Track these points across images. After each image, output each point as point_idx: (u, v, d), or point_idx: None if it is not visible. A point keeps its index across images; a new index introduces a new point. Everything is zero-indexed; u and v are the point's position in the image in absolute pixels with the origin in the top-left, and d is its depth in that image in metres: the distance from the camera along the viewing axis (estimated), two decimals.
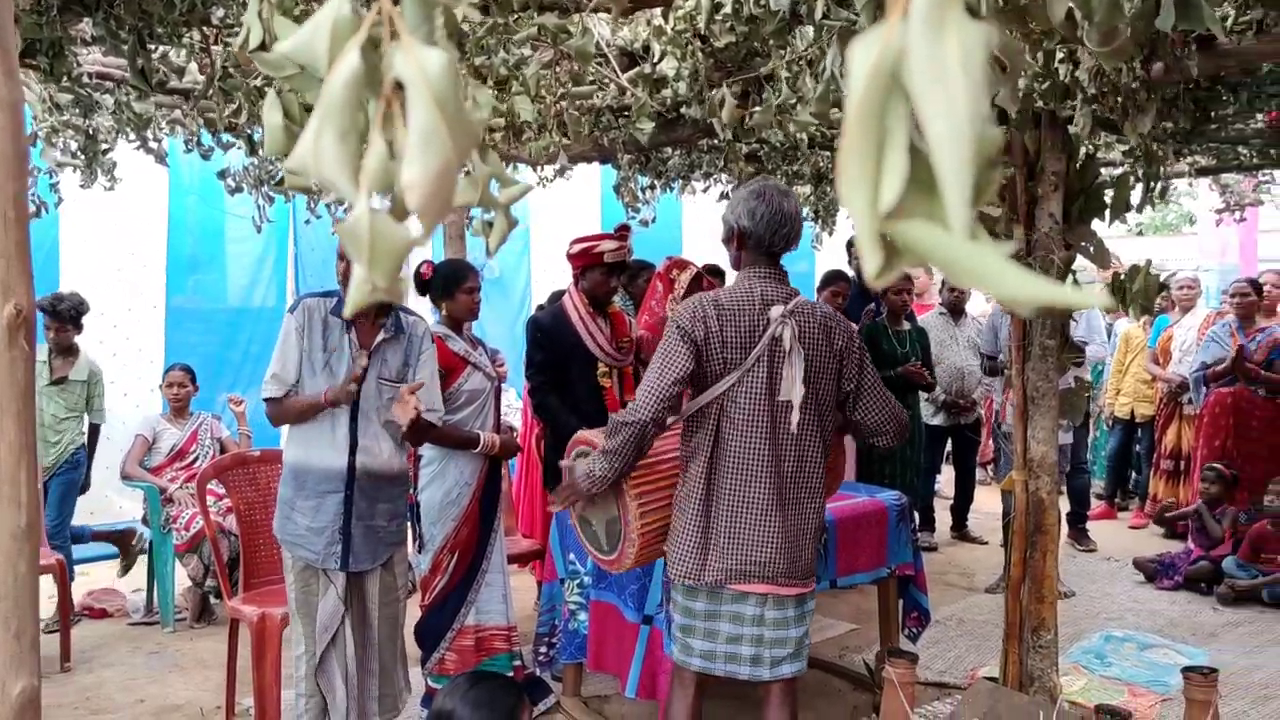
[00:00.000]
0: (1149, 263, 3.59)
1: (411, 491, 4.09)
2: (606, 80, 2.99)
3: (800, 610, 3.09)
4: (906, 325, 6.24)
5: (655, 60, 2.80)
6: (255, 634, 3.84)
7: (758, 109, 2.58)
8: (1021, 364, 3.49)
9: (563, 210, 7.51)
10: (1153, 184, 4.70)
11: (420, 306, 4.32)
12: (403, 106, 0.62)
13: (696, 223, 8.20)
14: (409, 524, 4.25)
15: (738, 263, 3.05)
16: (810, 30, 2.52)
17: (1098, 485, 8.23)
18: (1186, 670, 3.41)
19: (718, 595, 3.02)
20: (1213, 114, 4.24)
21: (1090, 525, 7.34)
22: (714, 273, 5.96)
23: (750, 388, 2.94)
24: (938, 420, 6.92)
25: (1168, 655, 4.80)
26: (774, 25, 2.35)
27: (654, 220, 6.44)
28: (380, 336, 3.45)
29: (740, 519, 2.95)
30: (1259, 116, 4.38)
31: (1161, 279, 7.56)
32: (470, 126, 0.62)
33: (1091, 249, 3.50)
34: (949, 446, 7.43)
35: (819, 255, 7.93)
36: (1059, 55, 2.65)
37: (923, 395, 6.50)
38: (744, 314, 2.95)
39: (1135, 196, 5.63)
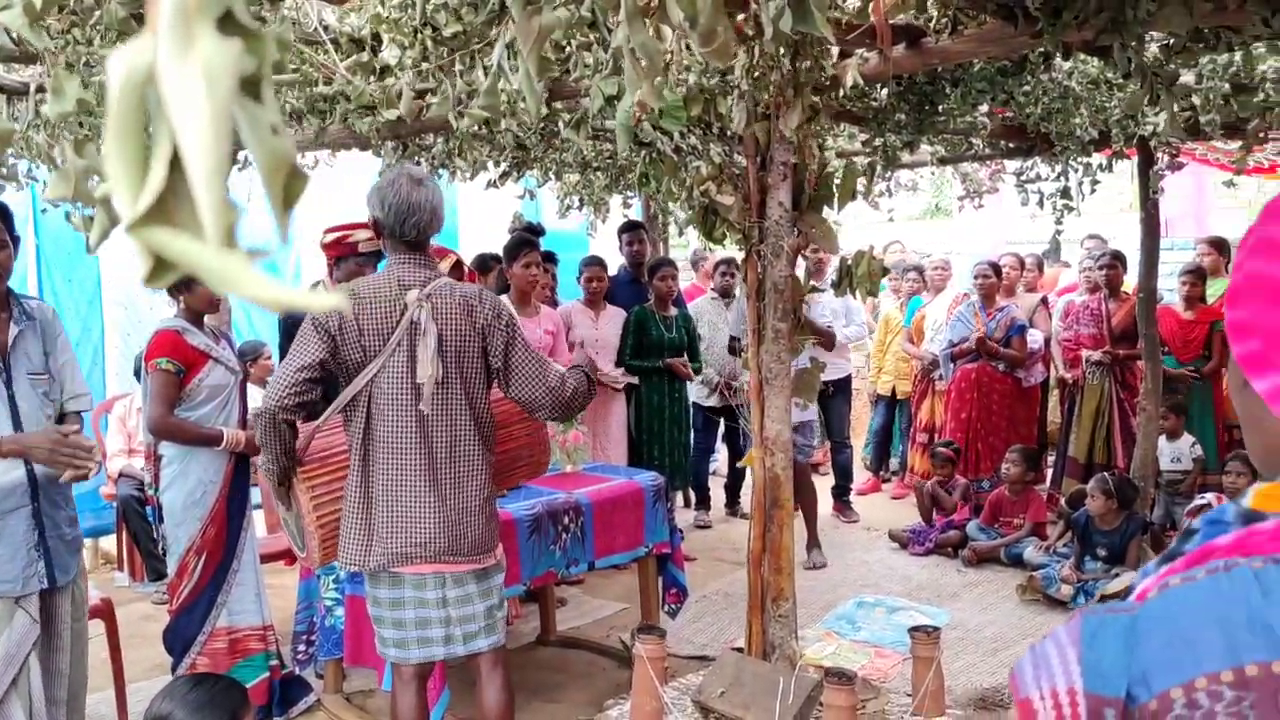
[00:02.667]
0: (871, 248, 3.81)
1: (152, 493, 3.94)
2: (326, 69, 2.94)
3: (484, 584, 3.13)
4: (674, 311, 6.39)
5: (374, 48, 2.78)
6: None
7: (434, 100, 2.61)
8: (757, 346, 3.64)
9: (333, 199, 7.33)
10: (887, 172, 4.99)
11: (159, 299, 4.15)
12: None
13: (470, 210, 8.15)
14: (153, 525, 4.10)
15: (383, 252, 3.15)
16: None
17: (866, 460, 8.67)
18: (913, 630, 3.65)
19: (398, 581, 3.05)
20: (940, 108, 4.51)
21: (858, 498, 7.72)
22: (495, 259, 5.96)
23: (393, 373, 2.97)
24: (711, 401, 7.10)
25: (913, 617, 5.10)
26: (484, 15, 2.36)
27: None
28: (14, 331, 3.13)
29: (397, 501, 2.99)
30: (981, 109, 4.68)
31: (915, 263, 7.94)
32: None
33: (820, 234, 3.68)
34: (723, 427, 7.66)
35: (593, 243, 8.00)
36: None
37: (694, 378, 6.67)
38: (380, 301, 2.98)
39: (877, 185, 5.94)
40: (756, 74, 2.72)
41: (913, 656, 3.60)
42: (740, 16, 2.36)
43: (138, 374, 4.59)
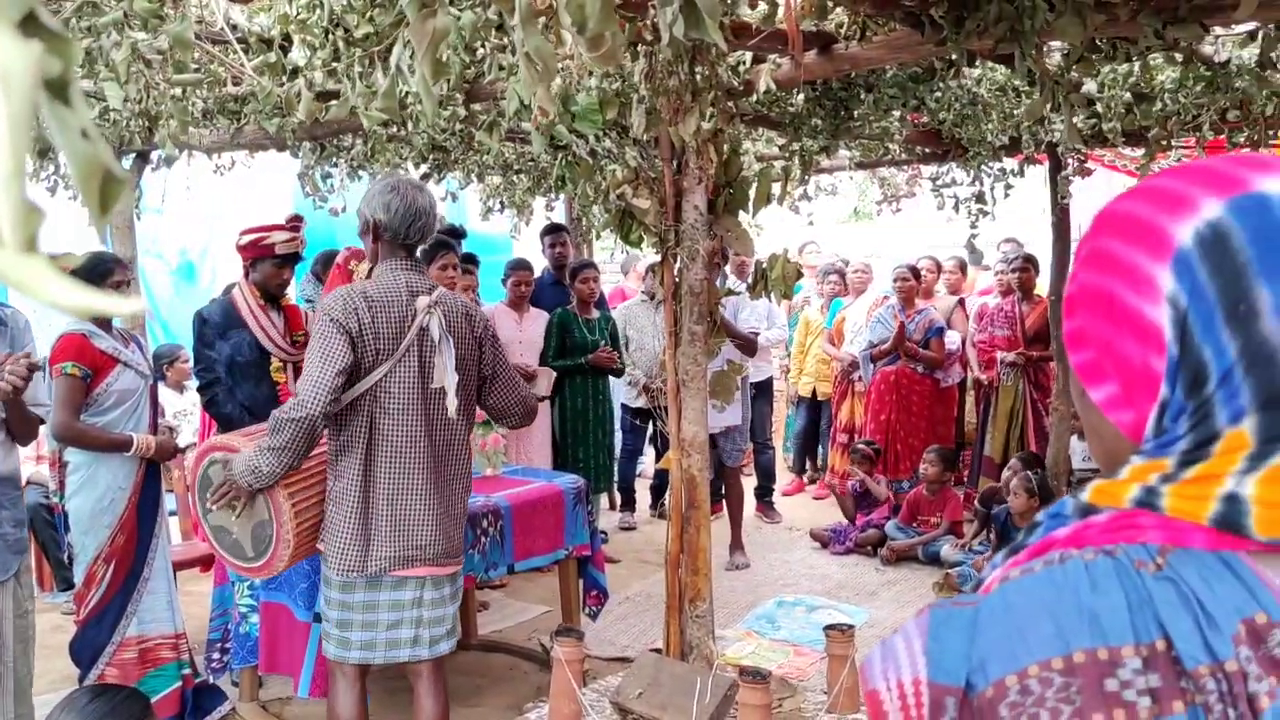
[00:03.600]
0: (786, 251, 3.84)
1: (59, 501, 3.84)
2: (233, 69, 2.90)
3: (453, 588, 3.23)
4: (596, 313, 6.39)
5: (284, 48, 2.75)
6: None
7: (334, 103, 2.59)
8: (674, 349, 3.66)
9: (254, 200, 7.24)
10: (802, 176, 5.04)
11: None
12: None
13: None
14: (60, 534, 4.00)
15: (374, 255, 3.09)
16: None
17: (789, 460, 8.76)
18: (828, 628, 3.70)
19: (377, 584, 3.06)
20: (855, 113, 4.58)
21: (782, 499, 7.79)
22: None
23: (403, 377, 3.01)
24: (640, 403, 7.10)
25: (832, 615, 5.17)
26: (393, 17, 2.35)
27: (345, 209, 6.29)
28: None
29: (401, 505, 3.02)
30: (895, 115, 4.75)
31: (837, 266, 7.99)
32: None
33: (736, 237, 3.72)
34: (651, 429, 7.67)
35: (516, 244, 7.98)
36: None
37: (622, 380, 6.67)
38: (393, 305, 3.02)
39: (795, 189, 6.01)
40: (656, 80, 2.74)
41: (828, 654, 3.65)
42: (639, 22, 2.37)
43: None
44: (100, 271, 3.75)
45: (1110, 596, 0.67)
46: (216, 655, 4.18)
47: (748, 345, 6.09)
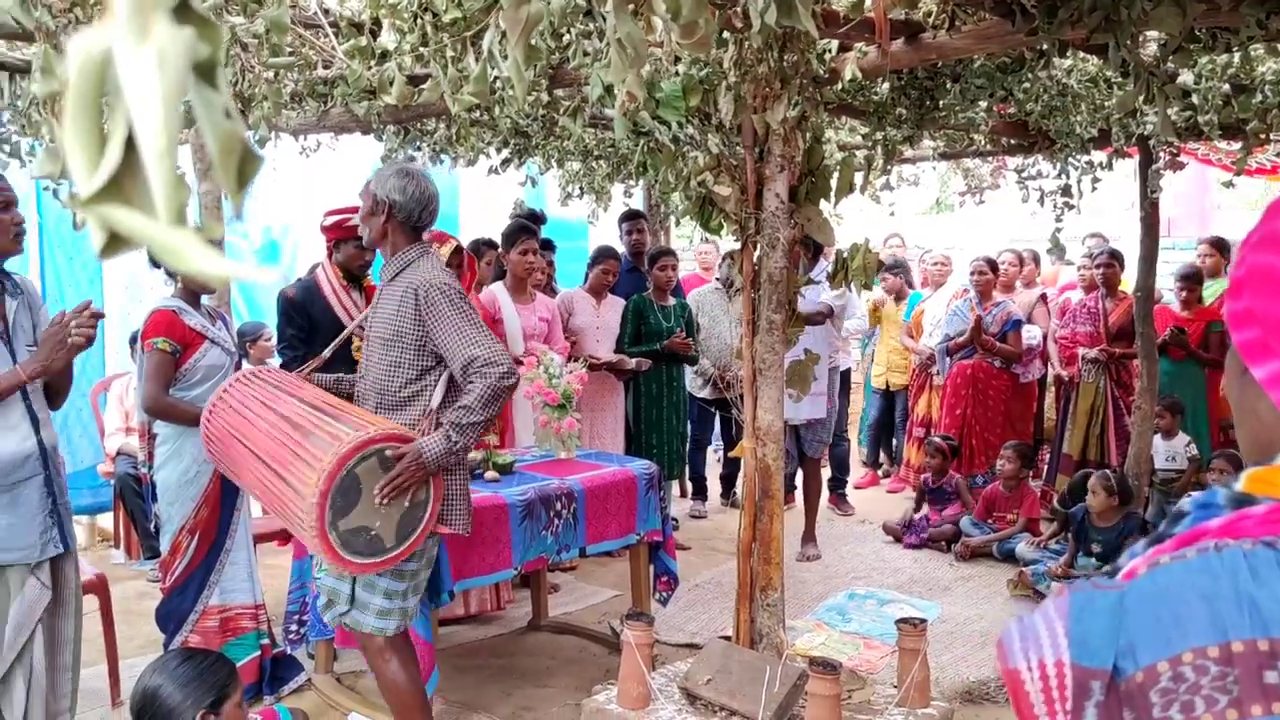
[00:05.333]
0: (867, 241, 3.81)
1: (147, 471, 3.96)
2: (324, 52, 2.96)
3: None
4: (672, 300, 6.40)
5: (374, 32, 2.80)
6: None
7: (425, 87, 2.63)
8: (751, 337, 3.66)
9: (334, 182, 7.35)
10: (886, 166, 5.00)
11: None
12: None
13: (472, 197, 8.16)
14: (148, 504, 4.12)
15: (382, 235, 3.20)
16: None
17: (862, 453, 8.71)
18: (900, 621, 3.68)
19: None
20: (940, 103, 4.52)
21: (855, 491, 7.75)
22: (489, 245, 5.97)
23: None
24: (705, 393, 7.10)
25: (903, 609, 5.13)
26: (482, 2, 2.38)
27: None
28: (12, 305, 3.18)
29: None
30: (981, 105, 4.69)
31: (900, 260, 7.92)
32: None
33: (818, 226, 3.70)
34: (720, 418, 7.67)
35: (593, 230, 8.02)
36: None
37: (690, 369, 6.68)
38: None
39: (879, 180, 5.95)
40: (745, 67, 2.73)
41: (899, 648, 3.64)
42: (730, 9, 2.37)
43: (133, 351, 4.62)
44: None
45: (1272, 587, 0.67)
46: (294, 627, 4.28)
47: (821, 317, 6.00)
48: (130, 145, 0.44)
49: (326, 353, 3.62)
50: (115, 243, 0.45)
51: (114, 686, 4.09)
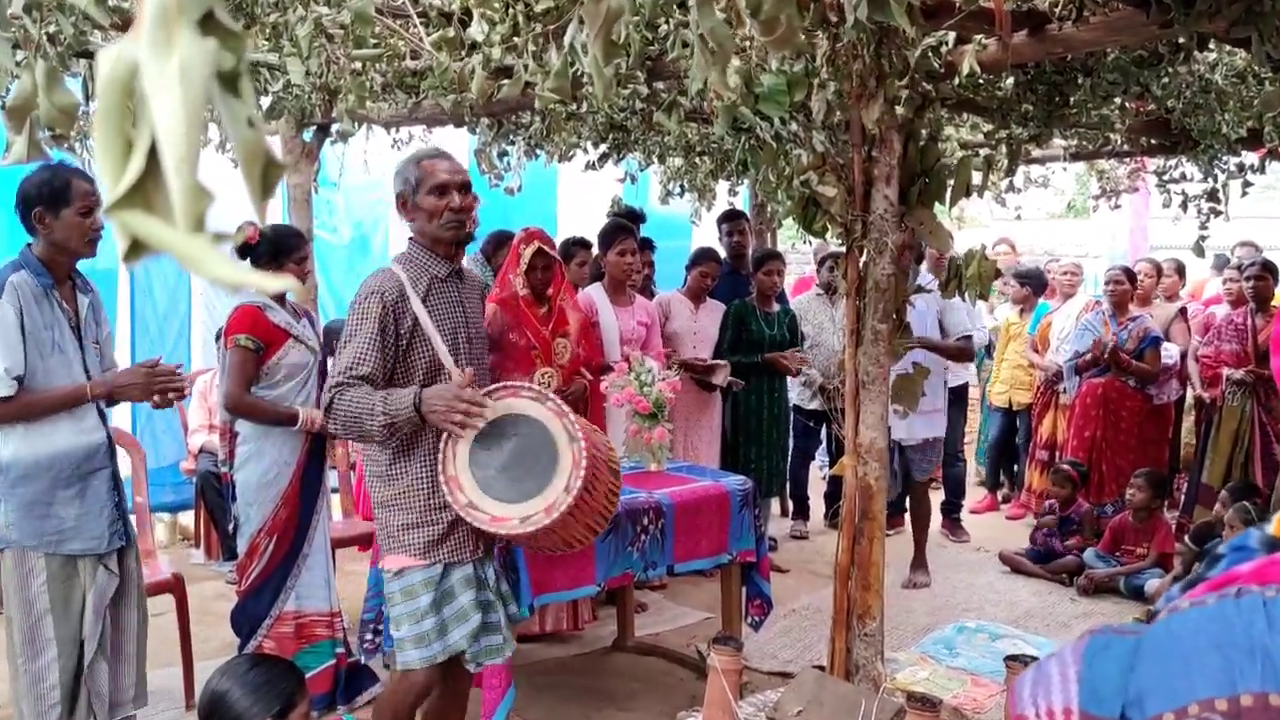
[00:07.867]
0: (984, 248, 3.76)
1: (227, 470, 4.10)
2: (412, 43, 3.04)
3: None
4: (776, 306, 6.37)
5: (463, 22, 2.86)
6: None
7: (506, 82, 2.67)
8: (854, 348, 3.63)
9: None
10: (1010, 166, 4.91)
11: None
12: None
13: (570, 193, 8.24)
14: (228, 503, 4.26)
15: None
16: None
17: (980, 475, 8.56)
18: (1009, 658, 3.62)
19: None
20: (1070, 99, 4.43)
21: (971, 516, 7.61)
22: (580, 244, 6.03)
23: None
24: (814, 404, 7.06)
25: (1017, 646, 5.03)
26: None
27: (520, 189, 6.45)
28: (84, 301, 3.39)
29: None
30: (1116, 102, 4.58)
31: (1033, 266, 7.77)
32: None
33: (930, 231, 3.66)
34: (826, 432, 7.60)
35: (696, 231, 8.03)
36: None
37: (796, 379, 6.64)
38: None
39: (1003, 181, 5.85)
40: (839, 62, 2.72)
41: (1008, 688, 3.57)
42: (825, 1, 2.37)
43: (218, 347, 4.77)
44: (285, 248, 4.00)
45: None
46: (370, 636, 4.37)
47: (962, 354, 5.98)
48: (153, 154, 0.47)
49: None
50: (138, 248, 0.48)
51: (188, 688, 4.24)
